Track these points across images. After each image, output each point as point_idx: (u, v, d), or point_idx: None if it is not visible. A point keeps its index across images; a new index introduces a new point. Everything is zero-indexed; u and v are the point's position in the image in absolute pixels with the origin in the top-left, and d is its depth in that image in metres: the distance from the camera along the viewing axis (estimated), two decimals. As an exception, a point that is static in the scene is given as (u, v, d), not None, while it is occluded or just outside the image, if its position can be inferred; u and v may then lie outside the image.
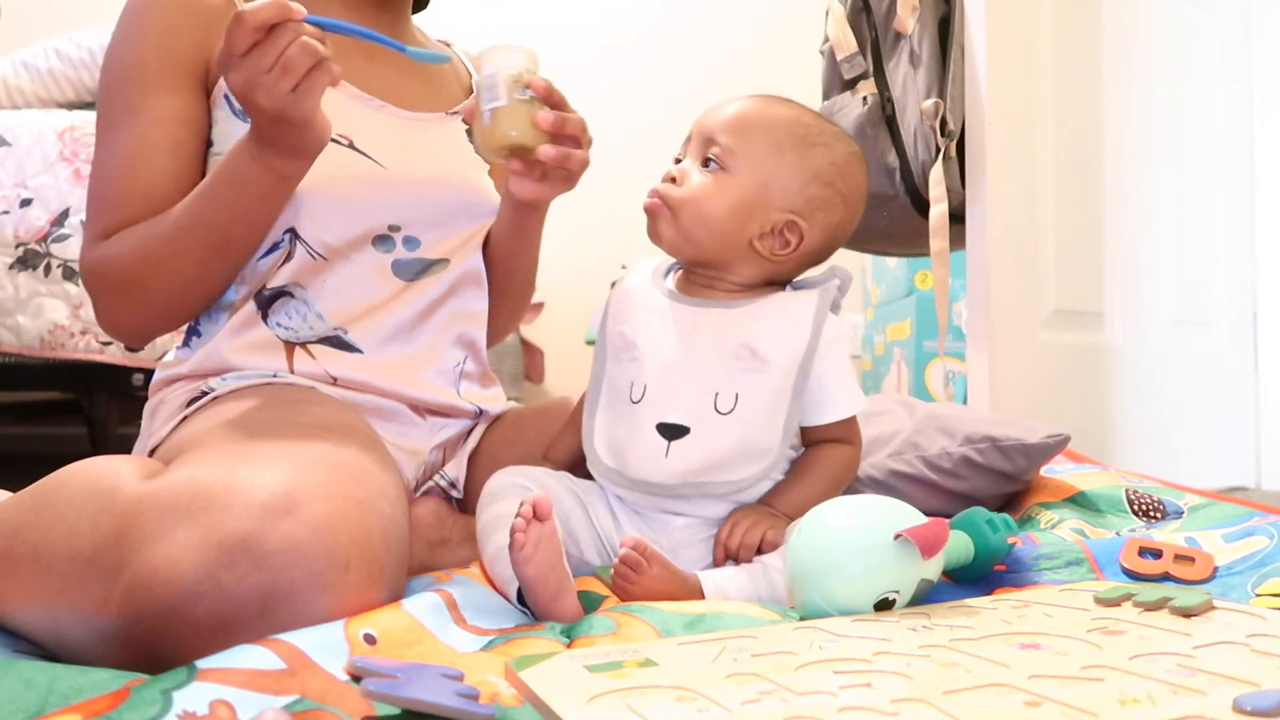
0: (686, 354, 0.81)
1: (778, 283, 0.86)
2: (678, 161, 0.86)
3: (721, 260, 0.84)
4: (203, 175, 0.88)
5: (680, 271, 0.88)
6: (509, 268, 1.00)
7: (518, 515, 0.67)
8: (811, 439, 0.84)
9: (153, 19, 0.87)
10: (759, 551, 0.77)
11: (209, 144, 0.89)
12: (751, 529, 0.77)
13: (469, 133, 1.00)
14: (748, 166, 0.82)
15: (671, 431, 0.79)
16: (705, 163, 0.83)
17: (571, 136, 0.83)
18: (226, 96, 0.87)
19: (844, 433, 0.84)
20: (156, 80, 0.86)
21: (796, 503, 0.79)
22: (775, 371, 0.79)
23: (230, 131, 0.87)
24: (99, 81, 0.88)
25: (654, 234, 0.84)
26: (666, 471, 0.79)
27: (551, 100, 0.82)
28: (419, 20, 1.08)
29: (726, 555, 0.78)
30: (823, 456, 0.83)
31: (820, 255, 0.86)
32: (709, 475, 0.79)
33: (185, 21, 0.87)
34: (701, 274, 0.85)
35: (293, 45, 0.70)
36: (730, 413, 0.79)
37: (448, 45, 1.10)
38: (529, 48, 0.84)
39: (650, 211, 0.84)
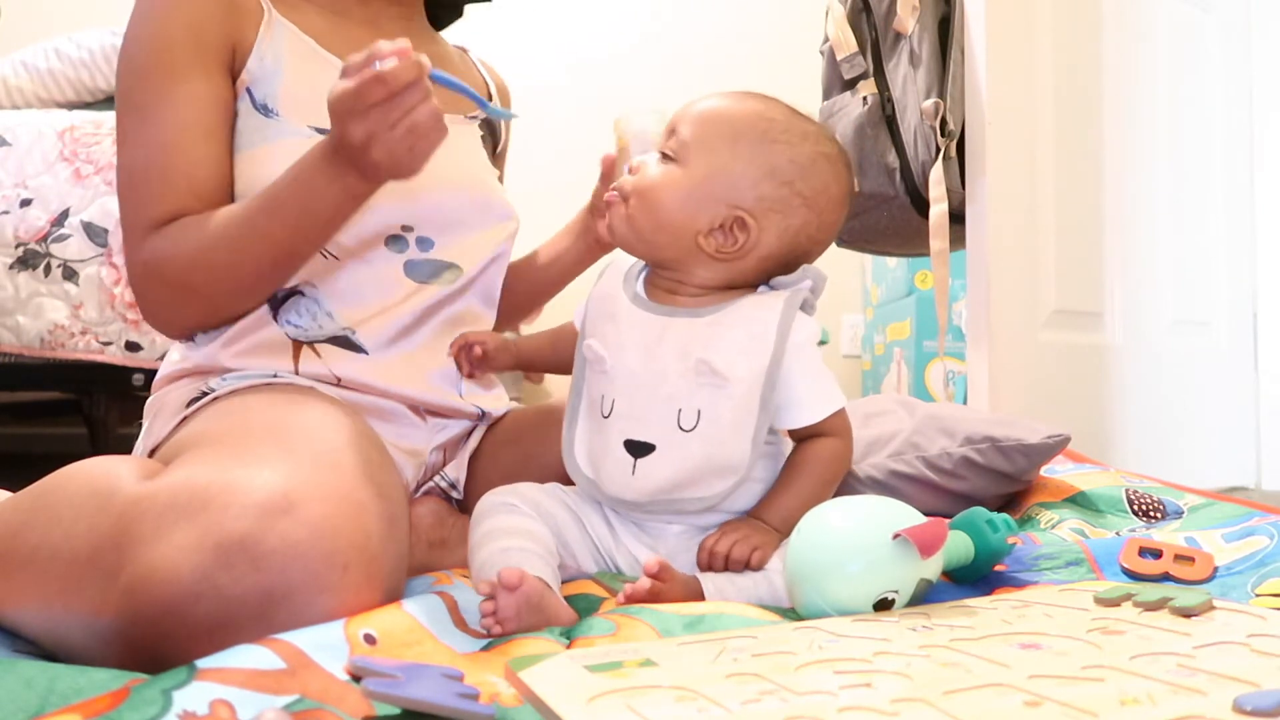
0: (651, 368, 0.78)
1: (745, 286, 0.82)
2: None
3: (673, 259, 0.81)
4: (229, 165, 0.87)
5: (648, 273, 0.85)
6: (547, 292, 1.07)
7: (485, 598, 0.64)
8: (797, 436, 0.82)
9: (176, 3, 0.86)
10: (746, 567, 0.74)
11: None
12: (741, 543, 0.74)
13: (484, 139, 1.01)
14: (698, 157, 0.79)
15: (638, 449, 0.77)
16: (664, 155, 0.81)
17: None
18: (249, 90, 0.87)
19: (829, 427, 0.81)
20: (186, 66, 0.85)
21: (785, 514, 0.77)
22: (737, 387, 0.76)
23: (250, 126, 0.87)
24: (121, 68, 0.86)
25: (607, 226, 0.83)
26: (635, 489, 0.77)
27: None
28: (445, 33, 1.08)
29: (710, 560, 0.75)
30: (809, 457, 0.81)
31: (784, 261, 0.81)
32: (677, 493, 0.77)
33: (212, 9, 0.86)
34: (664, 277, 0.83)
35: (421, 109, 0.71)
36: (693, 430, 0.76)
37: (464, 51, 1.11)
38: (663, 109, 0.84)
39: (606, 203, 0.83)
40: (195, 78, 0.85)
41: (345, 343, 0.88)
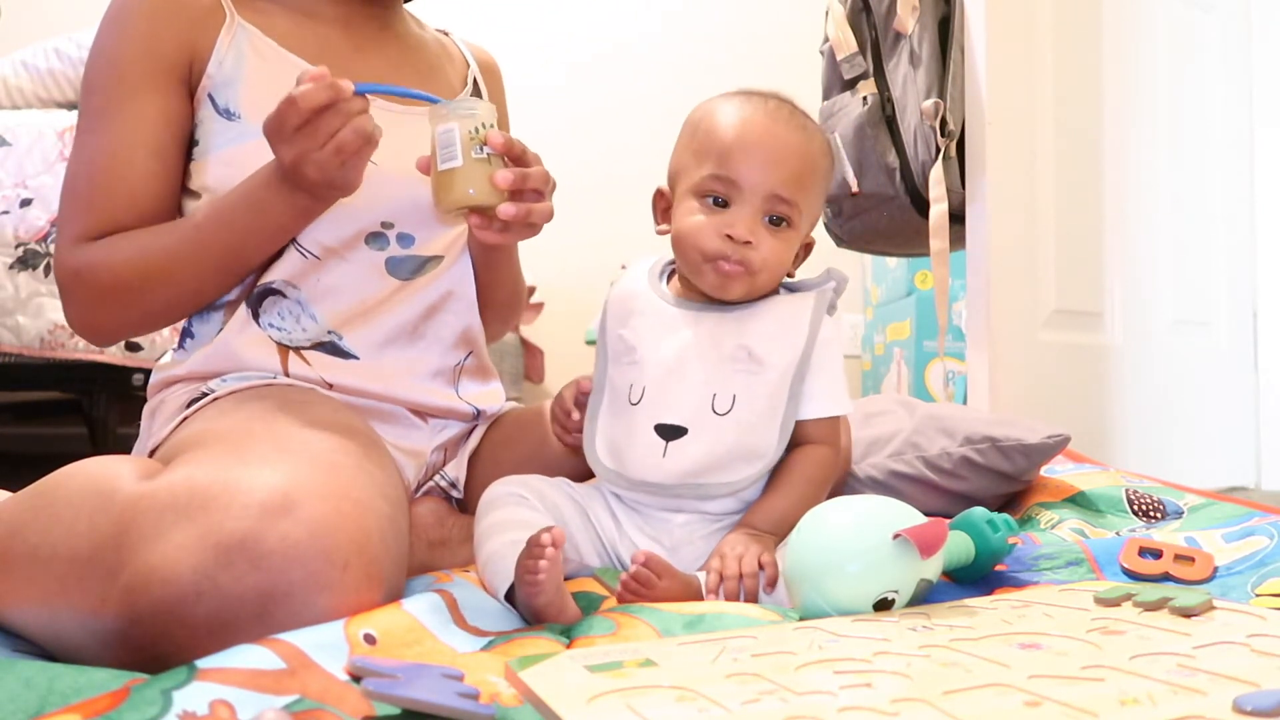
0: (684, 356, 0.81)
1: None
2: (718, 202, 0.81)
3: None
4: (184, 175, 0.87)
5: (671, 271, 0.88)
6: (490, 294, 1.00)
7: (538, 544, 0.65)
8: (793, 439, 0.82)
9: (137, 17, 0.86)
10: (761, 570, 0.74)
11: (193, 143, 0.88)
12: (745, 558, 0.74)
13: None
14: (806, 216, 0.84)
15: (669, 432, 0.79)
16: (775, 220, 0.81)
17: (533, 190, 0.80)
18: (211, 96, 0.86)
19: (824, 434, 0.83)
20: (139, 80, 0.85)
21: (777, 518, 0.78)
22: (772, 373, 0.80)
23: (215, 130, 0.86)
24: (83, 79, 0.88)
25: (726, 292, 0.81)
26: (664, 472, 0.79)
27: (511, 154, 0.79)
28: (416, 10, 1.07)
29: (724, 584, 0.73)
30: (800, 462, 0.82)
31: None
32: (706, 476, 0.79)
33: (170, 21, 0.86)
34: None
35: (345, 129, 0.72)
36: (727, 414, 0.79)
37: (446, 34, 1.10)
38: (485, 102, 0.82)
39: (729, 275, 0.80)
40: (148, 94, 0.85)
41: (333, 349, 0.88)
